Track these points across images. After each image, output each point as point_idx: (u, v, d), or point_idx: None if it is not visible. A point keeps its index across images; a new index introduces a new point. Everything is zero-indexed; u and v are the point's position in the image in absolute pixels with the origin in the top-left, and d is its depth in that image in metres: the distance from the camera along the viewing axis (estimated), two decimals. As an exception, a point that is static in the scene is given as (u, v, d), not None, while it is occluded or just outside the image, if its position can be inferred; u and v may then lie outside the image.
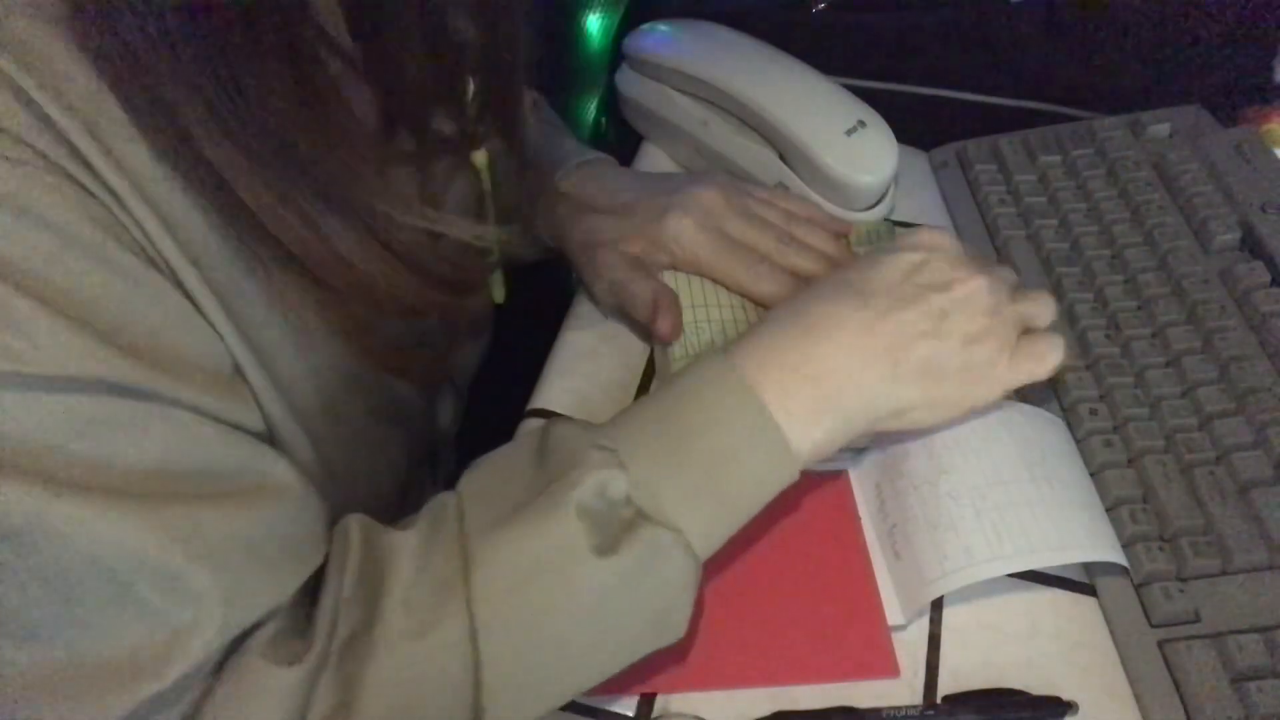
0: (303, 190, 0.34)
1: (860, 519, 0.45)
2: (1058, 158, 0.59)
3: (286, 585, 0.34)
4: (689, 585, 0.37)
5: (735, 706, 0.40)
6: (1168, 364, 0.48)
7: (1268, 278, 0.50)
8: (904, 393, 0.41)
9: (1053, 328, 0.45)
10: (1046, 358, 0.43)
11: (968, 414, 0.43)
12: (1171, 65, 0.66)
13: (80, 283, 0.29)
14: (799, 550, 0.44)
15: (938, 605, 0.43)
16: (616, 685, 0.40)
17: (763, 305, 0.51)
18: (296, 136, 0.33)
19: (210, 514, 0.32)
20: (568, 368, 0.52)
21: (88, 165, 0.30)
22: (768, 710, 0.40)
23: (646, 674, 0.41)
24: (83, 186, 0.30)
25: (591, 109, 0.86)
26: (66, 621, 0.30)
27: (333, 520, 0.38)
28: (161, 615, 0.31)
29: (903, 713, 0.40)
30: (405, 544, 0.36)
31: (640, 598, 0.36)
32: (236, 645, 0.32)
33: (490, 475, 0.39)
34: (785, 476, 0.39)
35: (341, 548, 0.36)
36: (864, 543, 0.45)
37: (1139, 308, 0.51)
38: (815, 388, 0.39)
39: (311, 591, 0.35)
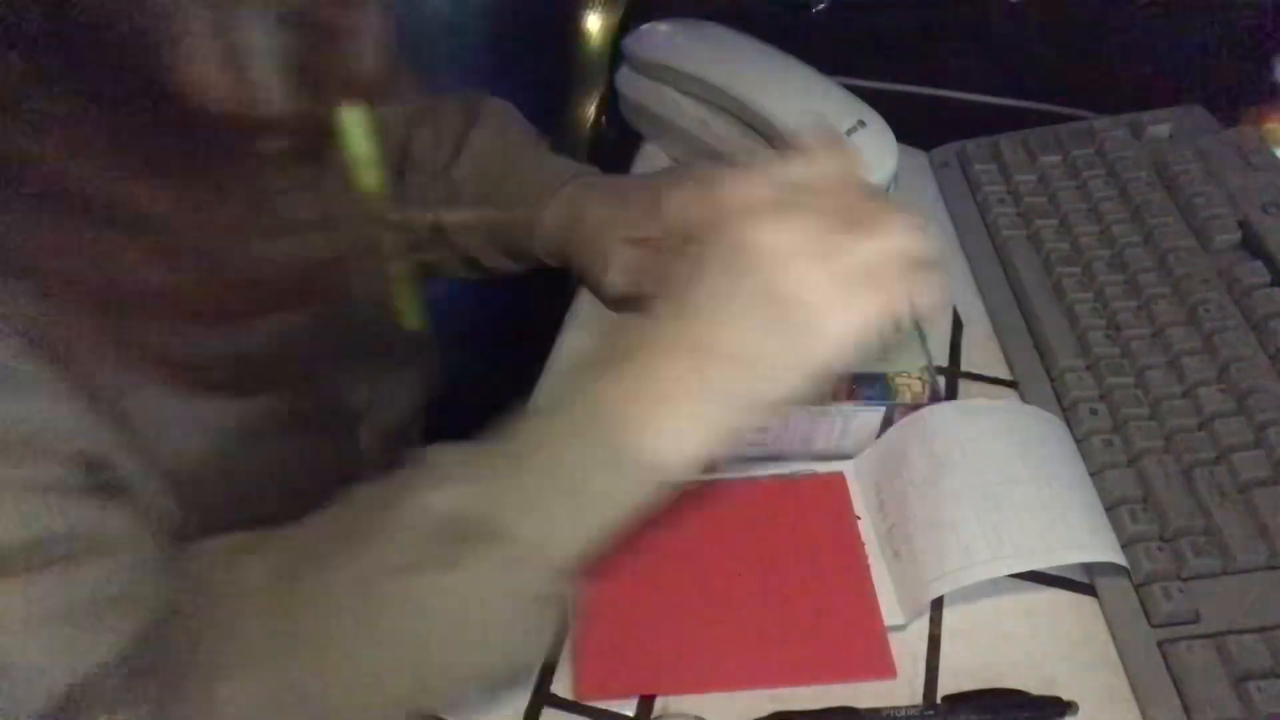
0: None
1: (858, 519, 0.45)
2: (1058, 158, 0.59)
3: (114, 639, 0.34)
4: (542, 597, 0.36)
5: (735, 706, 0.40)
6: (1168, 364, 0.48)
7: (1268, 278, 0.50)
8: (751, 344, 0.37)
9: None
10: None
11: (825, 353, 0.38)
12: (1171, 65, 0.66)
13: None
14: (795, 552, 0.44)
15: (938, 605, 0.43)
16: (617, 688, 0.40)
17: None
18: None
19: (40, 582, 0.32)
20: (568, 367, 0.52)
21: None
22: (768, 710, 0.40)
23: (646, 676, 0.41)
24: None
25: (591, 109, 0.86)
26: None
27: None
28: None
29: (903, 713, 0.40)
30: (255, 570, 0.36)
31: (486, 611, 0.36)
32: (78, 700, 0.32)
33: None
34: (637, 485, 0.37)
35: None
36: (861, 543, 0.45)
37: (1139, 308, 0.51)
38: (658, 389, 0.37)
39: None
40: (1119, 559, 0.42)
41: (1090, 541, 0.41)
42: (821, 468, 0.47)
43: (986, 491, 0.42)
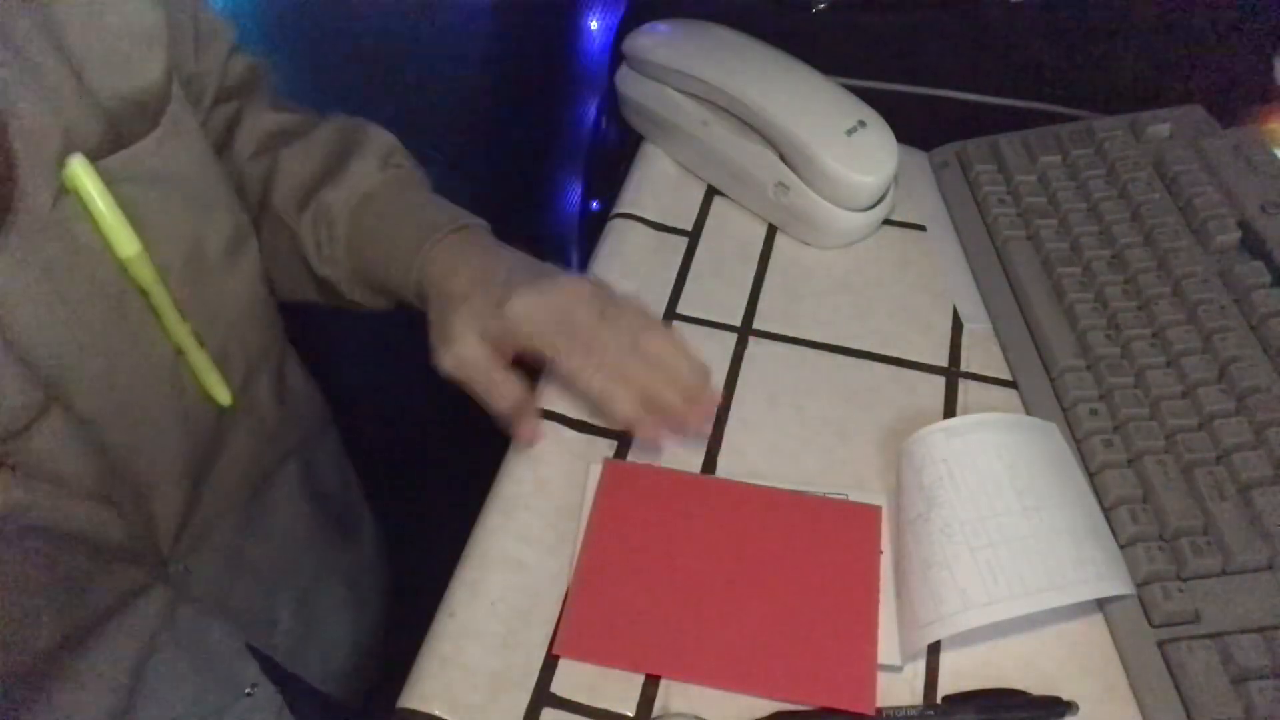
0: None
1: (882, 554, 0.45)
2: (1058, 158, 0.59)
3: None
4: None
5: (735, 706, 0.40)
6: (1168, 364, 0.48)
7: (1268, 278, 0.50)
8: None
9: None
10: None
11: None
12: (1171, 65, 0.66)
13: None
14: (812, 573, 0.44)
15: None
16: (594, 653, 0.41)
17: (593, 400, 0.48)
18: None
19: None
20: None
21: None
22: (768, 710, 0.40)
23: (627, 649, 0.41)
24: None
25: (591, 109, 0.86)
26: None
27: None
28: None
29: (903, 713, 0.40)
30: None
31: None
32: None
33: None
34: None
35: None
36: (878, 578, 0.44)
37: (1139, 308, 0.51)
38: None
39: None
40: (1122, 589, 0.41)
41: (1084, 577, 0.40)
42: (859, 497, 0.46)
43: (979, 527, 0.42)
